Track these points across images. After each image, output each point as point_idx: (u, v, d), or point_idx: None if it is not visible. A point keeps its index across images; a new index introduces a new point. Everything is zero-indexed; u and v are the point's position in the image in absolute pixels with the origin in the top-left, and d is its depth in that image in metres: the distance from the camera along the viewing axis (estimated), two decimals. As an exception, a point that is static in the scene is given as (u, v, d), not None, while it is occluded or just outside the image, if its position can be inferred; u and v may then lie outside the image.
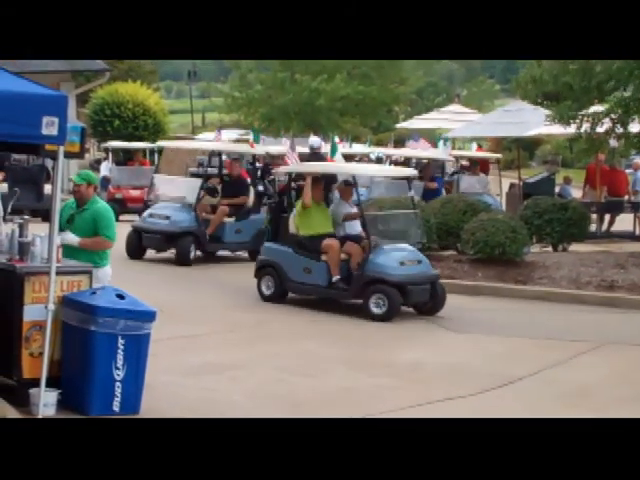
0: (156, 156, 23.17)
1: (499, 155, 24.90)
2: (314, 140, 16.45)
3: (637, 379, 9.09)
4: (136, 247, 14.96)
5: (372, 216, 12.28)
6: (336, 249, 11.51)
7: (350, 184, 12.31)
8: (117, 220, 21.59)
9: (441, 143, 20.19)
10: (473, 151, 24.24)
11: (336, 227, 12.05)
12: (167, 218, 14.85)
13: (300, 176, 12.65)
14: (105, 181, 22.05)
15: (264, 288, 12.09)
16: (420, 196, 16.43)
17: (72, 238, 7.87)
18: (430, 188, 18.24)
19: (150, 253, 15.25)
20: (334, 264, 11.46)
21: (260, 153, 17.66)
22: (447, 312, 11.67)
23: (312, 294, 12.02)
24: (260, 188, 16.72)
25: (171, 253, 15.01)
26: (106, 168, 22.92)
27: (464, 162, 23.14)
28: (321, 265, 11.59)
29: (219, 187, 16.12)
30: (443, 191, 18.85)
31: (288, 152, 15.47)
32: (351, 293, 11.52)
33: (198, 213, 14.96)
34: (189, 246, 14.71)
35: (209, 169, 22.64)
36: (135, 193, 21.67)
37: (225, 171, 17.28)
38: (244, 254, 15.68)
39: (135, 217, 21.33)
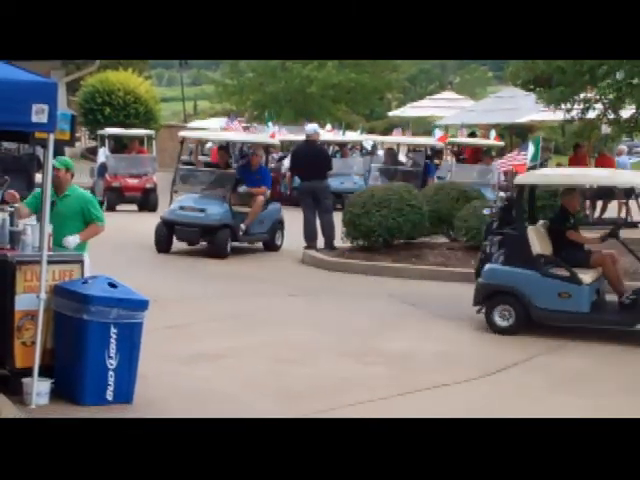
0: (154, 143, 22.98)
1: (502, 143, 24.06)
2: (309, 127, 16.28)
3: (628, 365, 9.12)
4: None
5: None
6: None
7: None
8: (114, 210, 21.20)
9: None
10: (435, 138, 23.06)
11: None
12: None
13: None
14: (103, 168, 21.45)
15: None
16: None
17: (74, 239, 7.88)
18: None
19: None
20: None
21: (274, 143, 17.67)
22: (439, 300, 11.66)
23: None
24: None
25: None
26: (103, 155, 22.11)
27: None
28: None
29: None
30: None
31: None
32: None
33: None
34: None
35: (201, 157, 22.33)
36: (133, 182, 21.18)
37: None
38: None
39: (133, 207, 21.04)
